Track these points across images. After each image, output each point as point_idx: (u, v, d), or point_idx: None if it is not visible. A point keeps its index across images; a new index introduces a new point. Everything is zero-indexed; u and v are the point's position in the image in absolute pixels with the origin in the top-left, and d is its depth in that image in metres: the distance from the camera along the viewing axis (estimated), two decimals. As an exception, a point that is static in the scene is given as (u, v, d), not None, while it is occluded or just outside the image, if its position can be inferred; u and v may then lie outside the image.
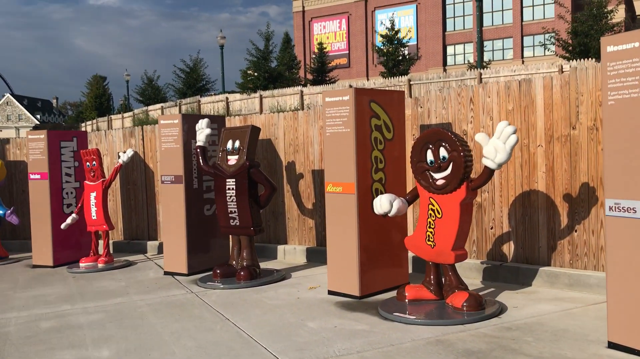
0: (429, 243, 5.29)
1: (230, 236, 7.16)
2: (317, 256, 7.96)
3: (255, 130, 7.07)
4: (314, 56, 38.87)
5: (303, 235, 8.29)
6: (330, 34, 41.91)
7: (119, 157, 8.77)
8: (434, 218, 5.24)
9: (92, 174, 8.50)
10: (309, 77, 32.68)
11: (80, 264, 8.46)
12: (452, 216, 5.09)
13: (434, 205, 5.23)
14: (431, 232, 5.26)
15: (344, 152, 5.77)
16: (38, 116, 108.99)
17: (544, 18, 39.65)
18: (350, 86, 24.82)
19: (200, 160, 7.19)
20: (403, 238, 5.95)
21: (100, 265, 8.35)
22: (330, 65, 33.27)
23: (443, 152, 5.10)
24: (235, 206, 6.89)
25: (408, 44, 32.28)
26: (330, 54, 34.62)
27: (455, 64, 39.65)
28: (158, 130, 7.73)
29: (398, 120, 6.11)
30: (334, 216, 5.94)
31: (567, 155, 5.89)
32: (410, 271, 6.70)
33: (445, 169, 5.09)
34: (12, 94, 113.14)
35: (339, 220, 5.87)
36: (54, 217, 8.73)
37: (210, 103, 26.56)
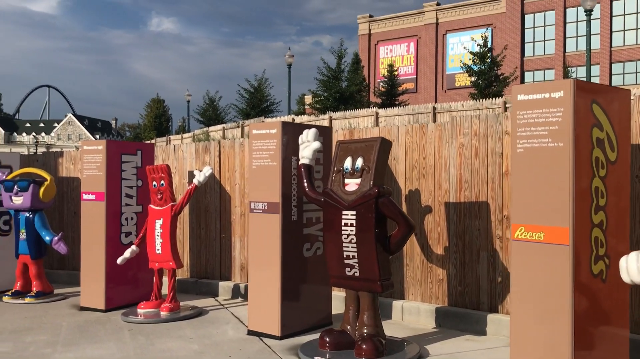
0: None
1: (346, 291, 5.24)
2: (451, 320, 5.90)
3: (386, 144, 5.15)
4: (379, 80, 37.13)
5: (429, 290, 6.25)
6: (397, 58, 40.16)
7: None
8: None
9: (159, 196, 6.74)
10: (377, 100, 30.82)
11: (139, 310, 6.67)
12: None
13: None
14: None
15: (551, 179, 3.75)
16: (97, 136, 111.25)
17: (637, 44, 36.87)
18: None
19: (305, 184, 5.30)
20: None
21: (163, 313, 6.52)
22: (399, 89, 31.38)
23: None
24: (355, 249, 4.94)
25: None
26: (397, 78, 32.81)
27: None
28: (248, 144, 5.90)
29: (622, 134, 4.06)
30: (524, 274, 3.90)
31: None
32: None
33: None
34: (74, 114, 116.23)
35: (538, 284, 3.82)
36: (110, 248, 6.99)
37: (276, 124, 24.95)
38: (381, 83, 31.62)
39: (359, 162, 5.03)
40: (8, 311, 6.99)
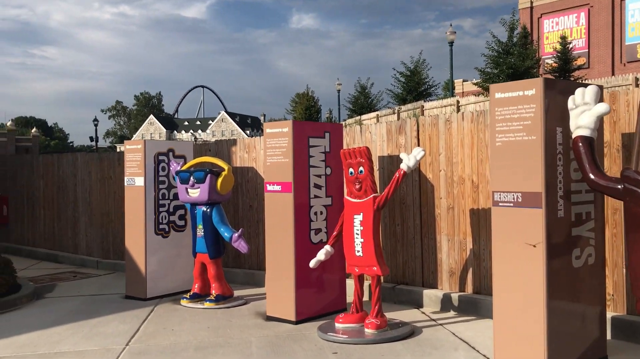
0: None
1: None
2: None
3: None
4: (543, 57, 33.56)
5: None
6: (565, 31, 36.11)
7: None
8: None
9: (357, 186, 5.48)
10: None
11: (337, 325, 5.47)
12: None
13: None
14: None
15: None
16: (247, 132, 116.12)
17: None
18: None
19: (587, 165, 3.68)
20: None
21: (369, 331, 5.26)
22: (574, 63, 27.85)
23: None
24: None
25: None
26: (572, 52, 29.21)
27: None
28: (490, 114, 4.38)
29: None
30: None
31: None
32: None
33: None
34: (226, 112, 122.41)
35: None
36: (299, 248, 5.88)
37: (438, 108, 23.20)
38: (552, 59, 28.31)
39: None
40: (188, 319, 6.16)
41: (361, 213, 5.43)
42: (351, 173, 5.54)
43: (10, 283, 7.20)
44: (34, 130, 52.33)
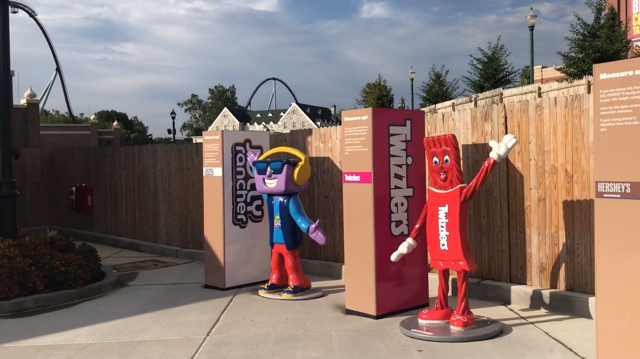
0: None
1: None
2: None
3: None
4: (632, 39, 31.54)
5: None
6: (658, 10, 33.76)
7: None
8: None
9: (442, 176, 5.21)
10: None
11: (420, 321, 5.24)
12: None
13: None
14: None
15: None
16: (318, 123, 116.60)
17: None
18: None
19: None
20: None
21: (455, 329, 5.00)
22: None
23: None
24: None
25: None
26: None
27: None
28: (593, 95, 4.01)
29: None
30: None
31: None
32: None
33: None
34: (297, 103, 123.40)
35: None
36: (379, 241, 5.67)
37: (517, 96, 22.25)
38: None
39: None
40: (267, 310, 6.11)
41: (446, 205, 5.16)
42: (435, 162, 5.27)
43: (95, 270, 7.41)
44: (115, 123, 54.62)
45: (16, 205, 7.54)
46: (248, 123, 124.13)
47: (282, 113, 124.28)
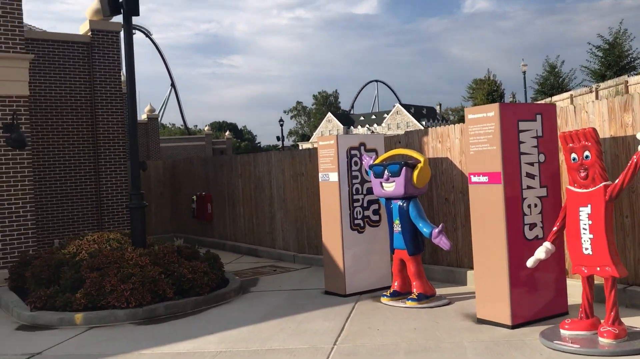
0: None
1: None
2: None
3: None
4: None
5: None
6: None
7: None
8: None
9: (583, 174, 4.75)
10: None
11: (563, 331, 4.82)
12: None
13: None
14: None
15: None
16: (423, 122, 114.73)
17: None
18: None
19: None
20: None
21: (605, 341, 4.53)
22: None
23: None
24: None
25: None
26: None
27: None
28: None
29: None
30: None
31: None
32: None
33: None
34: (401, 104, 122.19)
35: None
36: (512, 246, 5.29)
37: (646, 83, 20.51)
38: None
39: None
40: (391, 318, 5.91)
41: (589, 205, 4.70)
42: (574, 159, 4.83)
43: (219, 277, 7.59)
44: (227, 133, 56.74)
45: (144, 216, 7.90)
46: (352, 127, 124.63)
47: (385, 115, 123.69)
